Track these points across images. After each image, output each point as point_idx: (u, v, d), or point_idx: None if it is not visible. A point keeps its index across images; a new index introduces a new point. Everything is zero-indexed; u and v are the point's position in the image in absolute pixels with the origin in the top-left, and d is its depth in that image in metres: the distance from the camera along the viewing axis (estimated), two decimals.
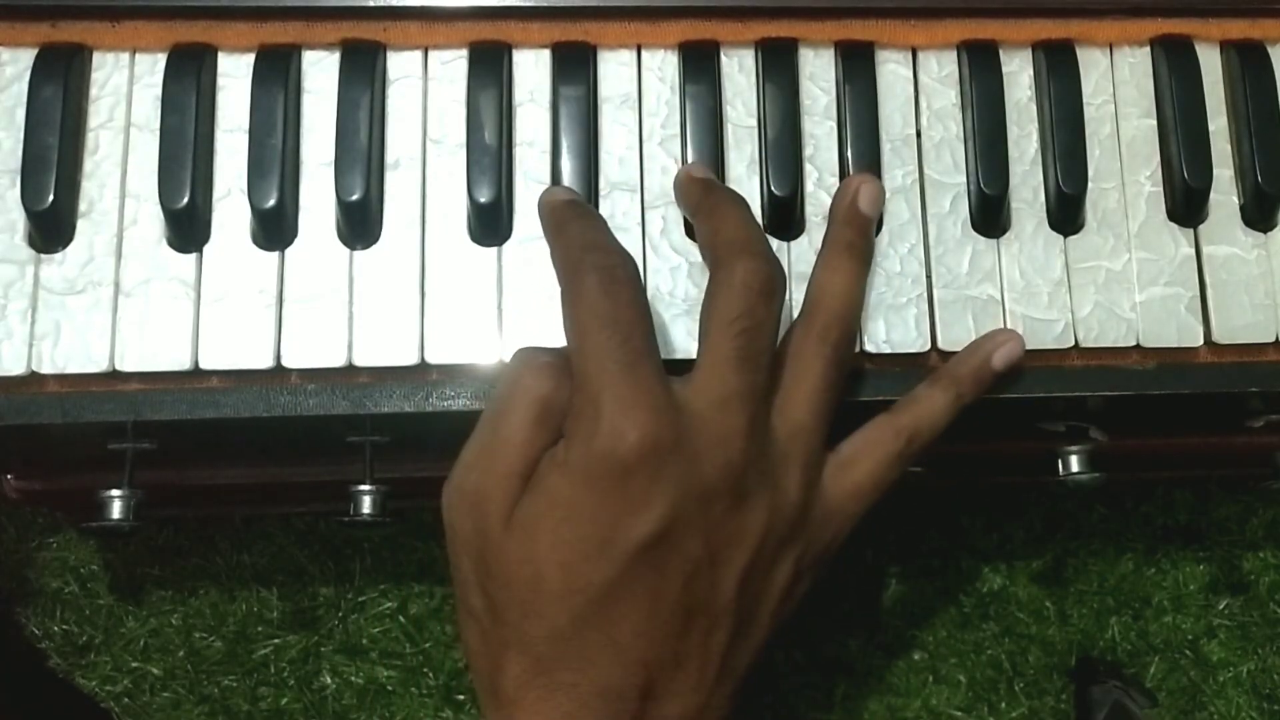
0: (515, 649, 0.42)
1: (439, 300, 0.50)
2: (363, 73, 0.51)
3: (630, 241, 0.50)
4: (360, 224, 0.50)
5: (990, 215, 0.51)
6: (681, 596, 0.42)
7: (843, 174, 0.51)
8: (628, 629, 0.41)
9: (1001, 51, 0.53)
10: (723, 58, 0.52)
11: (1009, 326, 0.50)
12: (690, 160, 0.51)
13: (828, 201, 0.51)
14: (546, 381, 0.43)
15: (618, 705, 0.41)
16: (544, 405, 0.42)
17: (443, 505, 0.44)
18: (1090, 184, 0.52)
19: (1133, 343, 0.51)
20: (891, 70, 0.53)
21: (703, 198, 0.49)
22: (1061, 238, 0.52)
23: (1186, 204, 0.52)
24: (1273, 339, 0.51)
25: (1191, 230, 0.52)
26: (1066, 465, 0.54)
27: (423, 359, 0.49)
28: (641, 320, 0.43)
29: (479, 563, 0.43)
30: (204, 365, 0.48)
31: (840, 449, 0.47)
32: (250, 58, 0.51)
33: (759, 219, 0.51)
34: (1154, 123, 0.53)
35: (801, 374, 0.46)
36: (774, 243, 0.50)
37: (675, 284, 0.50)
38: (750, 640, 0.44)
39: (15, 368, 0.48)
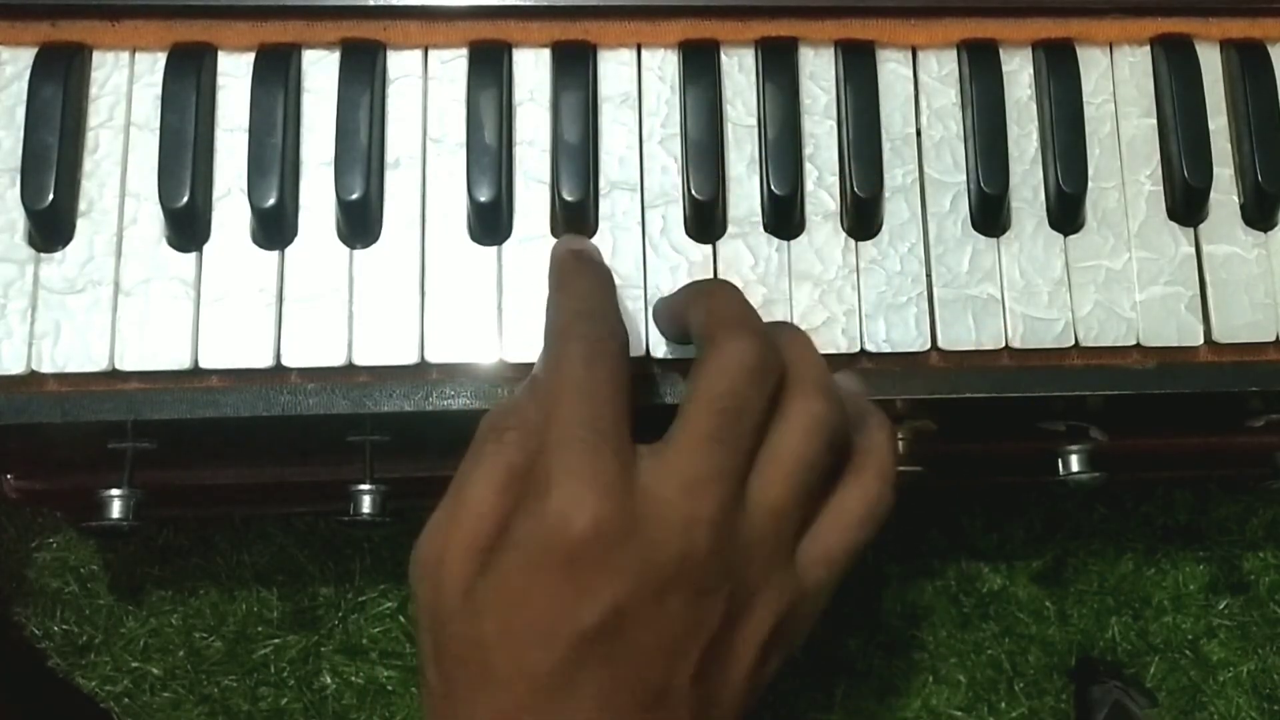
0: None
1: (439, 299, 0.50)
2: (363, 72, 0.51)
3: (630, 241, 0.50)
4: (360, 223, 0.50)
5: (990, 214, 0.51)
6: (634, 688, 0.39)
7: (843, 173, 0.51)
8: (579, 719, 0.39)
9: (1001, 51, 0.53)
10: (723, 57, 0.52)
11: (1009, 325, 0.50)
12: (691, 171, 0.50)
13: (828, 201, 0.51)
14: (510, 448, 0.41)
15: None
16: (508, 471, 0.40)
17: (409, 570, 0.42)
18: (1090, 183, 0.52)
19: (1133, 342, 0.51)
20: (891, 69, 0.53)
21: (696, 290, 0.47)
22: (1061, 237, 0.52)
23: (1186, 203, 0.52)
24: (1273, 338, 0.51)
25: (1191, 229, 0.52)
26: (1066, 465, 0.54)
27: (423, 358, 0.49)
28: (616, 400, 0.40)
29: (433, 637, 0.41)
30: (204, 365, 0.48)
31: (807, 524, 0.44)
32: (250, 57, 0.51)
33: (759, 218, 0.51)
34: (1154, 122, 0.53)
35: (780, 450, 0.42)
36: (774, 242, 0.51)
37: (675, 284, 0.50)
38: None
39: (15, 367, 0.48)
